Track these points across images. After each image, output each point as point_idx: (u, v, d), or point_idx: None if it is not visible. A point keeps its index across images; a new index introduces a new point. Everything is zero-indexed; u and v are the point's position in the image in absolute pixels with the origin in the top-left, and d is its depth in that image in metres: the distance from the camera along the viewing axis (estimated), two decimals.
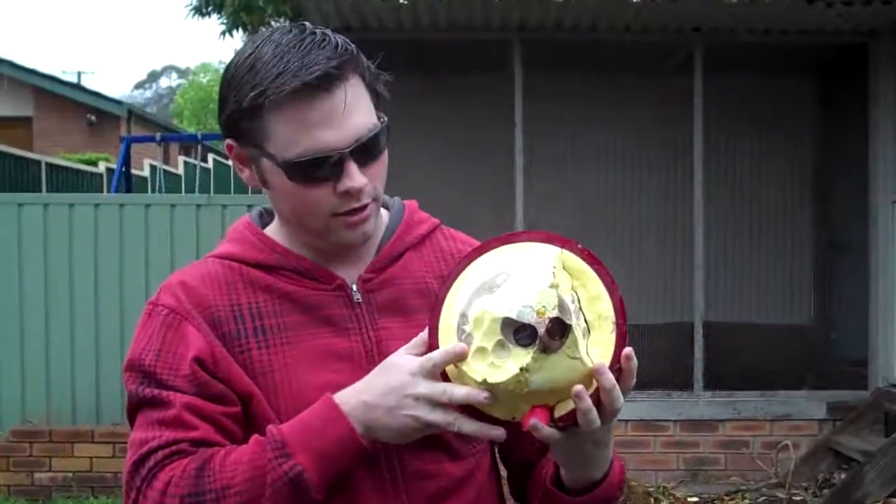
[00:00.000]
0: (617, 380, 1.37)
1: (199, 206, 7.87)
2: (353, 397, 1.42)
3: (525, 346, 1.32)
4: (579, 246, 1.43)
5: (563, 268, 1.39)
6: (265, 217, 1.68)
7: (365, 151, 1.48)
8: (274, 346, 1.52)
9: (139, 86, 71.63)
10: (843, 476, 6.93)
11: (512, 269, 1.37)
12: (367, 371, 1.48)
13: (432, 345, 1.40)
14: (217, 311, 1.53)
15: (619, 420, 5.97)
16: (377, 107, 1.53)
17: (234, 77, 1.48)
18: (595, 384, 1.35)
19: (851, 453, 6.99)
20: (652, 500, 6.68)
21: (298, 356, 1.52)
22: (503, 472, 1.73)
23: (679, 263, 8.93)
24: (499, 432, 1.37)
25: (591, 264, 1.44)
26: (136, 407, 1.50)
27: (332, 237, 1.54)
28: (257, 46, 1.47)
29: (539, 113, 8.25)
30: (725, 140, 9.02)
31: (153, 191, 14.42)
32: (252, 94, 1.44)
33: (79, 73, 37.92)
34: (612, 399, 1.36)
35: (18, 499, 7.24)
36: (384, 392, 1.40)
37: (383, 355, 1.48)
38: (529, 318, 1.31)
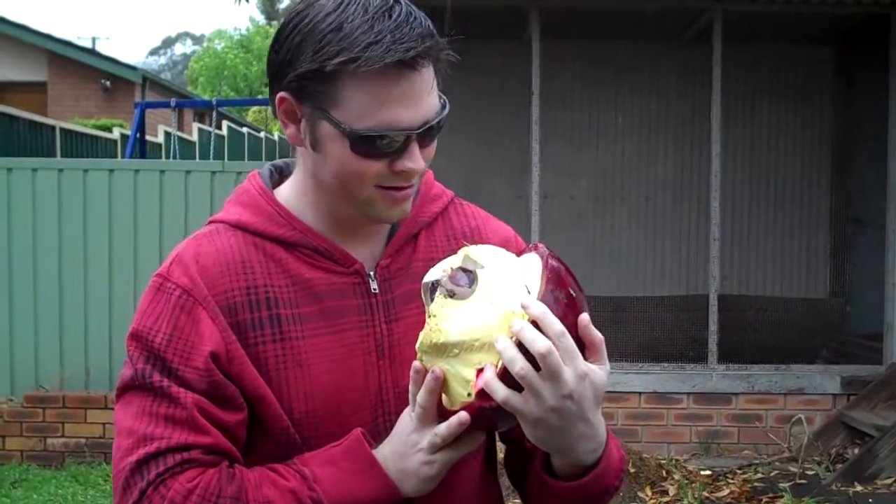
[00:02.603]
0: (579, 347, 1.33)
1: (213, 172, 7.85)
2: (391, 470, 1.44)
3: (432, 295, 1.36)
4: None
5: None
6: (275, 175, 1.63)
7: (429, 133, 1.44)
8: (289, 339, 1.47)
9: (154, 52, 71.55)
10: (856, 451, 6.91)
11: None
12: (378, 367, 1.51)
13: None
14: (233, 297, 1.47)
15: (632, 392, 5.93)
16: (439, 86, 1.47)
17: (314, 34, 1.38)
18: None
19: (865, 428, 6.97)
20: (664, 472, 6.68)
21: (313, 354, 1.48)
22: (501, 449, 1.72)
23: (695, 236, 8.89)
24: (462, 417, 1.35)
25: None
26: (134, 385, 1.45)
27: (370, 209, 1.48)
28: (341, 5, 1.39)
29: (556, 82, 8.21)
30: (743, 111, 8.95)
31: (167, 157, 14.44)
32: (340, 58, 1.36)
33: (93, 39, 38.00)
34: (550, 336, 1.28)
35: (31, 464, 7.28)
36: (408, 472, 1.43)
37: (394, 350, 1.51)
38: (437, 275, 1.36)
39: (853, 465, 6.58)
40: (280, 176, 1.63)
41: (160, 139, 16.95)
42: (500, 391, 1.28)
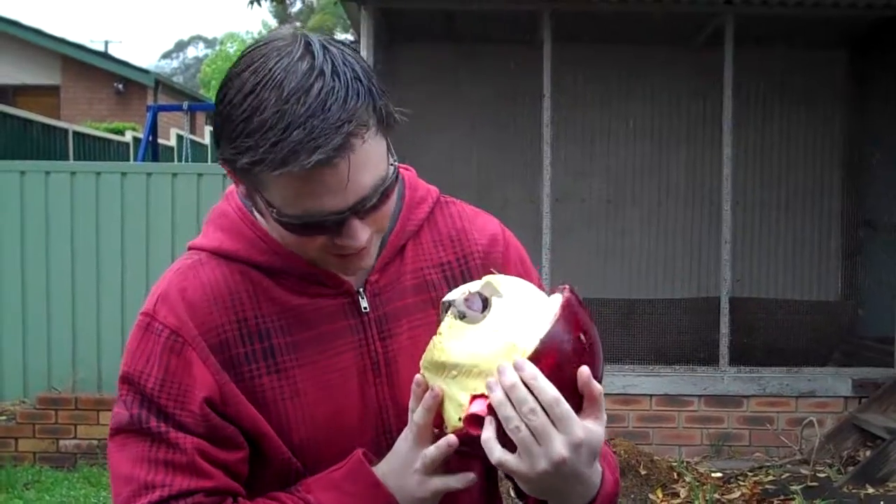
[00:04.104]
0: (576, 402, 1.30)
1: (225, 175, 7.84)
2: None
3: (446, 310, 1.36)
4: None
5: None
6: None
7: (367, 209, 1.35)
8: (284, 370, 1.44)
9: (166, 55, 71.63)
10: (868, 453, 6.90)
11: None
12: (375, 385, 1.48)
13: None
14: (224, 332, 1.43)
15: (643, 395, 5.93)
16: (387, 141, 1.38)
17: (229, 121, 1.31)
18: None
19: (877, 431, 6.95)
20: (675, 474, 6.67)
21: (309, 381, 1.45)
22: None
23: (706, 238, 8.88)
24: (451, 440, 1.34)
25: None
26: (130, 429, 1.42)
27: (323, 266, 1.44)
28: (258, 86, 1.29)
29: (568, 84, 8.22)
30: (755, 114, 8.94)
31: (179, 160, 14.48)
32: (246, 158, 1.28)
33: (106, 43, 38.13)
34: (542, 403, 1.26)
35: (44, 465, 7.30)
36: (405, 491, 1.41)
37: (389, 367, 1.48)
38: (455, 296, 1.34)
39: (865, 468, 6.57)
40: None
41: (172, 142, 17.00)
42: (496, 452, 1.28)
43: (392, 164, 1.38)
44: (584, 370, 1.29)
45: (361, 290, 1.50)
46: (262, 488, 1.45)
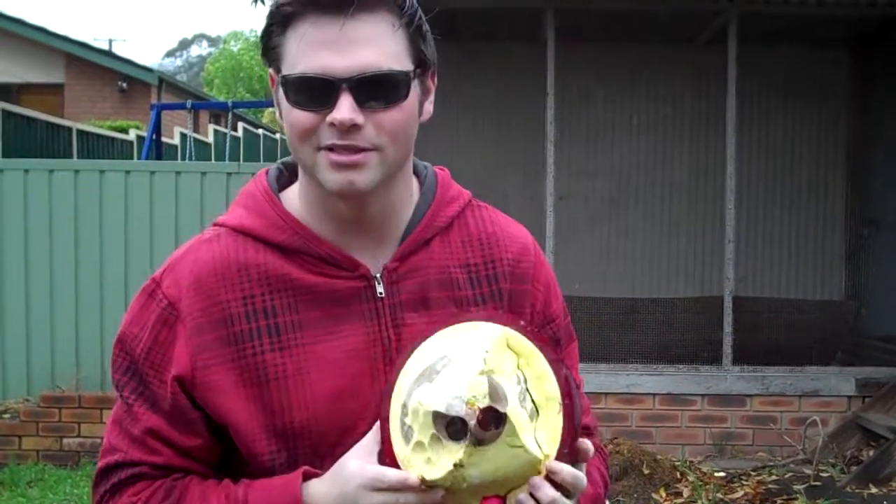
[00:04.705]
0: (572, 461, 1.34)
1: (229, 174, 7.88)
2: (320, 500, 1.39)
3: (458, 440, 1.25)
4: (521, 323, 1.36)
5: (509, 346, 1.32)
6: (284, 175, 1.61)
7: (368, 90, 1.39)
8: (288, 347, 1.46)
9: (170, 54, 71.76)
10: (871, 453, 6.89)
11: (452, 353, 1.31)
12: (384, 373, 1.46)
13: (384, 437, 1.35)
14: (229, 308, 1.47)
15: (647, 394, 5.93)
16: (418, 62, 1.45)
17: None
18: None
19: (880, 430, 6.95)
20: (678, 474, 6.67)
21: (313, 361, 1.46)
22: None
23: (710, 237, 8.87)
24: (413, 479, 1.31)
25: (533, 341, 1.35)
26: (117, 389, 1.53)
27: (321, 178, 1.44)
28: None
29: (571, 83, 8.22)
30: (759, 112, 8.94)
31: (183, 158, 14.47)
32: (272, 11, 1.41)
33: (110, 41, 38.20)
34: (574, 485, 1.32)
35: (47, 463, 7.31)
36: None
37: (401, 355, 1.44)
38: (459, 410, 1.24)
39: (868, 468, 6.56)
40: (290, 175, 1.61)
41: (176, 141, 16.97)
42: None
43: (411, 72, 1.43)
44: (585, 446, 1.36)
45: (378, 276, 1.51)
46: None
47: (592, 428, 1.67)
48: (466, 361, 1.28)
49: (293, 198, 1.55)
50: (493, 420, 1.24)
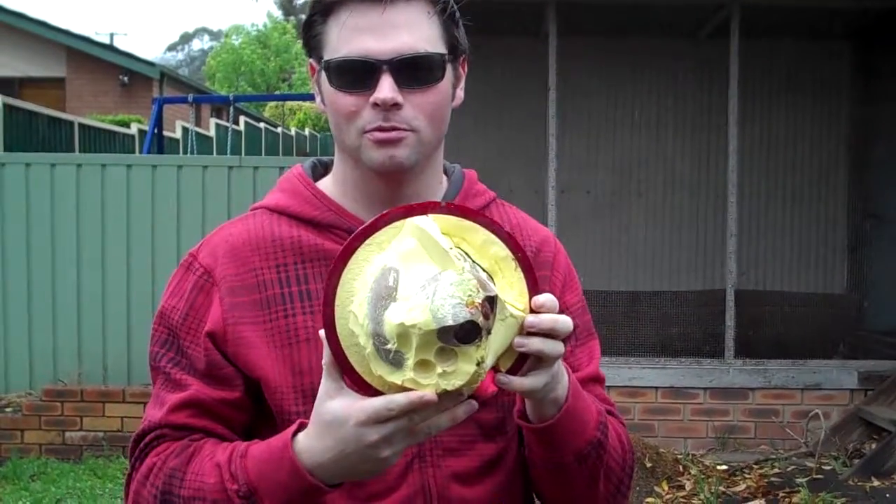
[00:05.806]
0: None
1: (230, 167, 7.88)
2: (316, 456, 1.32)
3: (470, 341, 1.23)
4: (442, 204, 1.32)
5: (443, 233, 1.29)
6: (318, 169, 1.68)
7: (407, 71, 1.46)
8: (319, 311, 1.44)
9: (171, 48, 71.58)
10: (873, 446, 6.89)
11: (396, 263, 1.26)
12: None
13: (346, 369, 1.27)
14: (262, 274, 1.53)
15: (649, 387, 5.92)
16: (451, 47, 1.52)
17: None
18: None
19: (882, 423, 6.95)
20: (681, 467, 6.67)
21: None
22: None
23: (712, 231, 8.87)
24: (468, 406, 1.27)
25: (463, 216, 1.32)
26: (152, 364, 1.56)
27: (364, 158, 1.50)
28: None
29: (573, 77, 8.20)
30: (761, 106, 8.93)
31: (185, 152, 14.47)
32: (313, 0, 1.49)
33: (111, 35, 38.13)
34: (554, 328, 1.28)
35: (50, 457, 7.32)
36: (342, 454, 1.29)
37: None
38: (464, 315, 1.21)
39: (870, 460, 6.57)
40: (324, 170, 1.67)
41: (178, 135, 16.96)
42: (515, 382, 1.30)
43: (445, 56, 1.51)
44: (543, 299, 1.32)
45: None
46: None
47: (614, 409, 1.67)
48: (429, 266, 1.25)
49: (328, 183, 1.62)
50: (490, 306, 1.26)
